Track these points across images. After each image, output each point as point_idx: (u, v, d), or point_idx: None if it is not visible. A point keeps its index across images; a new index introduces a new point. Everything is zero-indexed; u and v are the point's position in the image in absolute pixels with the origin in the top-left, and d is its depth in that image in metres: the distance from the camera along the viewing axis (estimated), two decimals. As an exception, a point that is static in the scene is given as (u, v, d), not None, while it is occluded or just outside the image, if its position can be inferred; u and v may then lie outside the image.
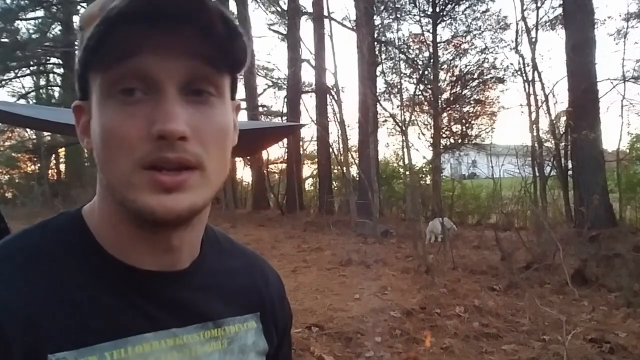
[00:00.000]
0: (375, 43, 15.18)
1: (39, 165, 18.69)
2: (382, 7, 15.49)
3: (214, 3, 0.43)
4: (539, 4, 12.19)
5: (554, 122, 11.28)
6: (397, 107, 15.59)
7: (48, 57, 19.24)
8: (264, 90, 20.49)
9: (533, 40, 11.33)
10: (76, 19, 19.66)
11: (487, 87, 16.49)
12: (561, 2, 10.65)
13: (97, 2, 0.49)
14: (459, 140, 16.38)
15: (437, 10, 15.48)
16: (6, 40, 16.95)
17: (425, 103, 16.36)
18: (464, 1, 15.38)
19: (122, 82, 0.45)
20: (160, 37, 0.45)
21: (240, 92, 15.89)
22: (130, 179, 0.45)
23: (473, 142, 16.53)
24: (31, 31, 18.27)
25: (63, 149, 18.90)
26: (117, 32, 0.42)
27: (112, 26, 0.42)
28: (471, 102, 16.69)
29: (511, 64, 16.37)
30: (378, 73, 15.50)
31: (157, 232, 0.50)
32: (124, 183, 0.46)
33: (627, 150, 11.87)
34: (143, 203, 0.45)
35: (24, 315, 0.45)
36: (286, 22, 16.66)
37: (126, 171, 0.45)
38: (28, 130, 17.03)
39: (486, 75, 16.11)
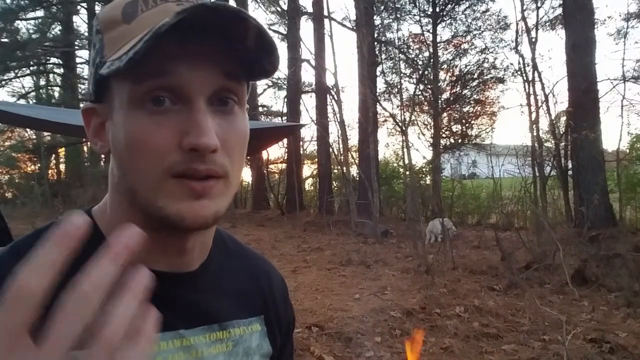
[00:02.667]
0: (375, 43, 15.18)
1: (39, 165, 18.68)
2: (382, 7, 15.50)
3: (254, 19, 0.45)
4: (539, 4, 12.19)
5: (554, 122, 11.27)
6: (397, 107, 15.60)
7: (48, 57, 19.25)
8: (264, 90, 20.50)
9: (533, 40, 11.33)
10: (76, 19, 19.69)
11: (487, 87, 16.50)
12: (561, 2, 10.65)
13: (116, 5, 0.49)
14: (459, 140, 16.38)
15: (437, 10, 15.48)
16: (6, 40, 16.96)
17: (425, 103, 16.36)
18: (464, 1, 15.39)
19: (151, 94, 0.46)
20: (195, 50, 0.46)
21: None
22: (160, 186, 0.46)
23: (473, 142, 16.52)
24: (31, 31, 18.29)
25: (63, 149, 18.90)
26: (160, 47, 0.43)
27: (158, 41, 0.42)
28: (471, 102, 16.69)
29: (511, 64, 16.37)
30: (378, 73, 15.53)
31: (173, 235, 0.51)
32: (152, 190, 0.47)
33: (627, 150, 11.87)
34: (173, 209, 0.47)
35: None
36: (286, 22, 16.66)
37: (155, 179, 0.46)
38: (28, 130, 17.04)
39: (486, 75, 16.12)
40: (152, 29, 0.42)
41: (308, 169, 20.80)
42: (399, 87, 14.98)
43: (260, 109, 19.37)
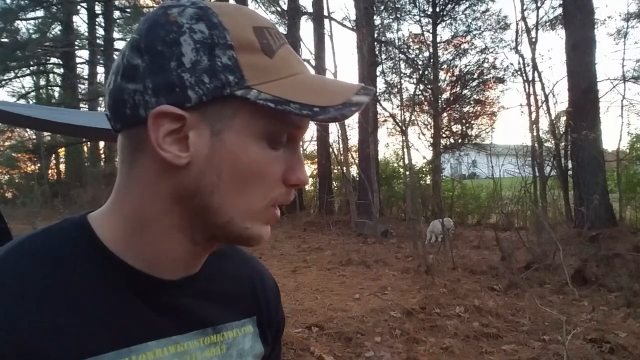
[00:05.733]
0: (375, 43, 15.18)
1: (39, 165, 18.69)
2: (382, 7, 15.50)
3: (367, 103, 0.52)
4: (539, 4, 12.22)
5: (554, 122, 11.29)
6: (397, 107, 15.62)
7: (48, 57, 19.26)
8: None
9: (533, 40, 11.34)
10: (76, 19, 19.68)
11: (487, 87, 16.50)
12: (561, 2, 10.65)
13: (243, 25, 0.48)
14: (459, 140, 16.38)
15: (437, 10, 15.48)
16: (6, 40, 16.97)
17: (425, 103, 16.37)
18: (464, 1, 15.40)
19: (282, 134, 0.50)
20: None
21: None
22: (259, 212, 0.51)
23: (473, 142, 16.52)
24: (31, 31, 18.32)
25: (63, 149, 18.90)
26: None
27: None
28: (471, 102, 16.69)
29: (511, 64, 16.43)
30: (378, 73, 15.52)
31: (207, 248, 0.54)
32: (248, 213, 0.50)
33: (627, 150, 11.88)
34: (256, 232, 0.52)
35: (27, 326, 0.44)
36: (286, 22, 16.65)
37: (260, 206, 0.51)
38: (28, 130, 17.04)
39: (486, 75, 16.13)
40: (358, 101, 0.49)
41: (308, 169, 20.81)
42: (399, 87, 15.01)
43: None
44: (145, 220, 0.50)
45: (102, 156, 19.00)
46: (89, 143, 17.75)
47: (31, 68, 19.52)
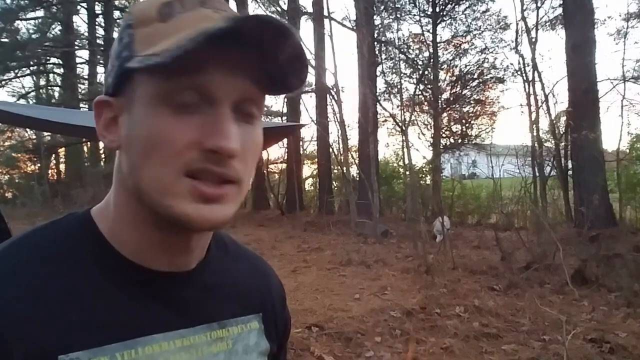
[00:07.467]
0: (375, 43, 15.18)
1: (39, 165, 18.69)
2: (382, 7, 15.51)
3: (296, 37, 0.45)
4: (539, 4, 12.20)
5: (554, 122, 11.28)
6: (397, 107, 15.61)
7: (48, 57, 19.26)
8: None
9: (533, 40, 11.34)
10: (76, 19, 19.67)
11: (487, 87, 16.51)
12: (561, 2, 10.65)
13: (152, 3, 0.49)
14: (459, 140, 16.38)
15: (437, 10, 15.50)
16: (6, 40, 16.96)
17: (425, 103, 16.37)
18: (464, 1, 15.41)
19: (179, 92, 0.45)
20: (230, 56, 0.46)
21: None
22: (170, 186, 0.46)
23: (473, 142, 16.53)
24: (31, 31, 18.31)
25: (63, 149, 18.91)
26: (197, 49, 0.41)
27: (199, 45, 0.41)
28: (471, 102, 16.69)
29: (511, 64, 16.41)
30: (378, 73, 15.52)
31: (178, 235, 0.52)
32: (161, 188, 0.46)
33: (627, 150, 11.86)
34: (181, 210, 0.46)
35: (30, 316, 0.45)
36: (286, 22, 16.66)
37: (167, 177, 0.46)
38: (28, 130, 17.04)
39: (486, 75, 16.14)
40: (203, 30, 0.41)
41: (308, 169, 20.80)
42: (399, 87, 15.00)
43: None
44: (121, 213, 0.52)
45: (102, 156, 18.99)
46: (89, 143, 17.74)
47: (31, 68, 19.52)
